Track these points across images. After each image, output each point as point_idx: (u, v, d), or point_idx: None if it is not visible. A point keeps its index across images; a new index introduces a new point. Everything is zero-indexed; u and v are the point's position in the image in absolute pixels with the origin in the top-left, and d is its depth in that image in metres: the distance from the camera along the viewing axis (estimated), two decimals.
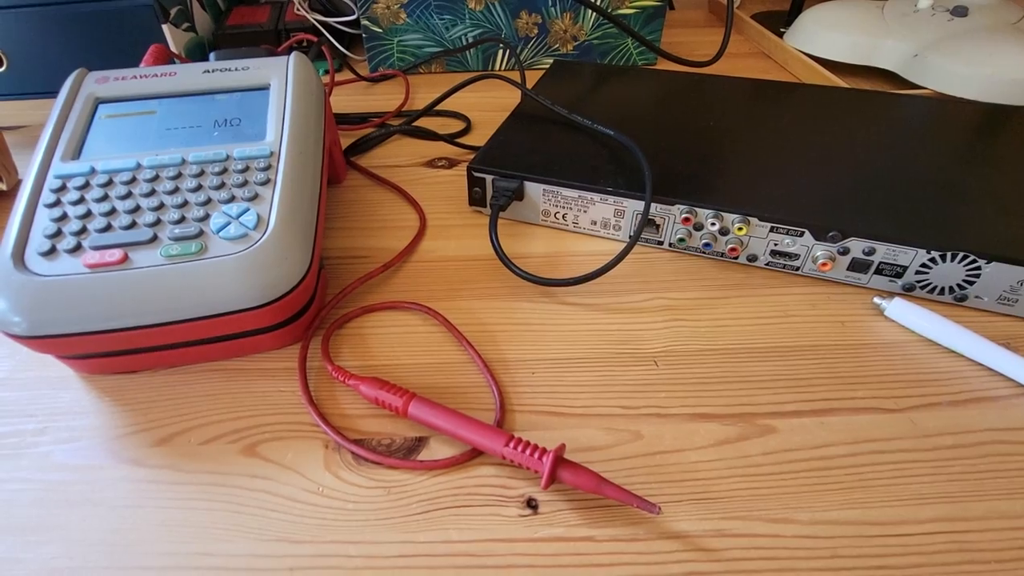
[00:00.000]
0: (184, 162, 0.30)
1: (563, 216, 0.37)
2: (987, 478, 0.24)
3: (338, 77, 0.59)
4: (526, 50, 0.59)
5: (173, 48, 0.53)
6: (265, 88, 0.34)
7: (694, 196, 0.33)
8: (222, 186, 0.29)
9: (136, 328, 0.26)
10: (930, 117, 0.40)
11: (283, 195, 0.29)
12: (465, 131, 0.49)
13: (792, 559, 0.21)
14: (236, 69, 0.35)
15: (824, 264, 0.31)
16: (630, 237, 0.35)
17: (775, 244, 0.33)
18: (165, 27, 0.52)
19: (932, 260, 0.30)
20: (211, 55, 0.38)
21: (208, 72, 0.35)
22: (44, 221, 0.27)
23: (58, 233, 0.27)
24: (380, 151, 0.47)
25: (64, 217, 0.27)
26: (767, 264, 0.34)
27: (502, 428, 0.25)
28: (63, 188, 0.29)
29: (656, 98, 0.43)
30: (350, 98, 0.56)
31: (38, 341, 0.25)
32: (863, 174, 0.34)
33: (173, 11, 0.53)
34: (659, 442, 0.25)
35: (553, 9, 0.56)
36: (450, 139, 0.47)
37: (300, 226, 0.28)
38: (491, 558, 0.22)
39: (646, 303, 0.32)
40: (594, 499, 0.23)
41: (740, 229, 0.32)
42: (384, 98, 0.56)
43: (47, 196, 0.28)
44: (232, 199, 0.28)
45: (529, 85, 0.55)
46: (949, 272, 0.30)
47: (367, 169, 0.44)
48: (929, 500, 0.23)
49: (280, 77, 0.34)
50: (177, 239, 0.27)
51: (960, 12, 0.54)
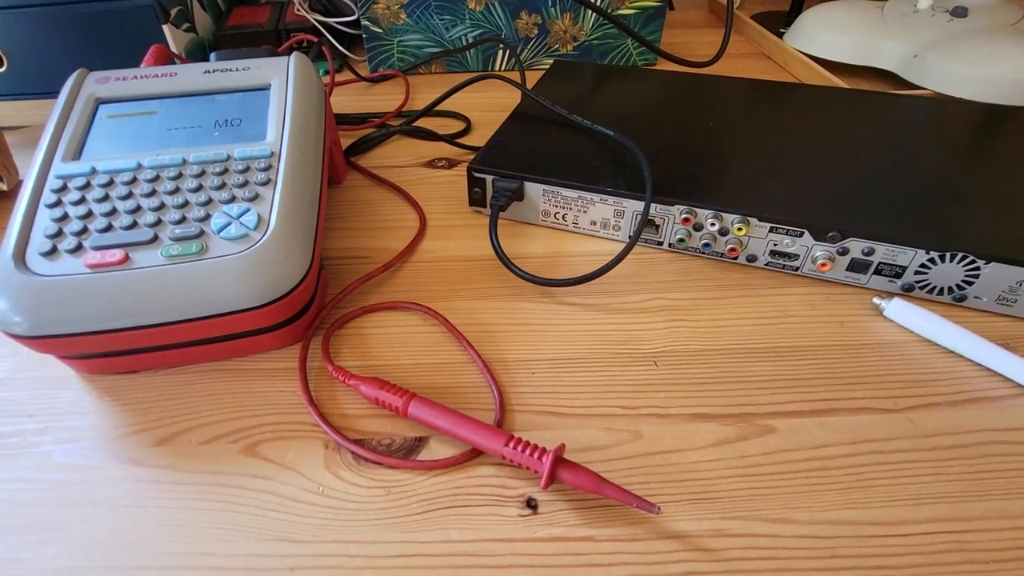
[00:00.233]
0: (185, 162, 0.30)
1: (563, 216, 0.37)
2: (986, 478, 0.24)
3: (338, 77, 0.59)
4: (526, 50, 0.59)
5: (173, 48, 0.53)
6: (266, 88, 0.34)
7: (694, 196, 0.33)
8: (223, 186, 0.29)
9: (137, 328, 0.26)
10: (930, 118, 0.40)
11: (284, 195, 0.29)
12: (465, 131, 0.49)
13: (791, 559, 0.21)
14: (237, 69, 0.35)
15: (823, 264, 0.32)
16: (630, 237, 0.35)
17: (774, 244, 0.33)
18: (165, 27, 0.52)
19: (931, 260, 0.30)
20: (212, 55, 0.38)
21: (209, 72, 0.35)
22: (45, 221, 0.27)
23: (59, 233, 0.27)
24: (380, 151, 0.47)
25: (65, 217, 0.27)
26: (767, 264, 0.34)
27: (502, 428, 0.26)
28: (64, 188, 0.29)
29: (656, 99, 0.43)
30: (350, 98, 0.56)
31: (39, 341, 0.25)
32: (863, 175, 0.34)
33: (173, 11, 0.53)
34: (659, 442, 0.25)
35: (553, 9, 0.56)
36: (450, 139, 0.47)
37: (300, 226, 0.28)
38: (491, 558, 0.22)
39: (646, 303, 0.32)
40: (594, 499, 0.23)
41: (740, 229, 0.32)
42: (384, 98, 0.56)
43: (48, 196, 0.28)
44: (233, 199, 0.28)
45: (529, 85, 0.55)
46: (948, 272, 0.30)
47: (367, 169, 0.44)
48: (928, 500, 0.23)
49: (281, 77, 0.34)
50: (178, 239, 0.27)
51: (960, 13, 0.54)
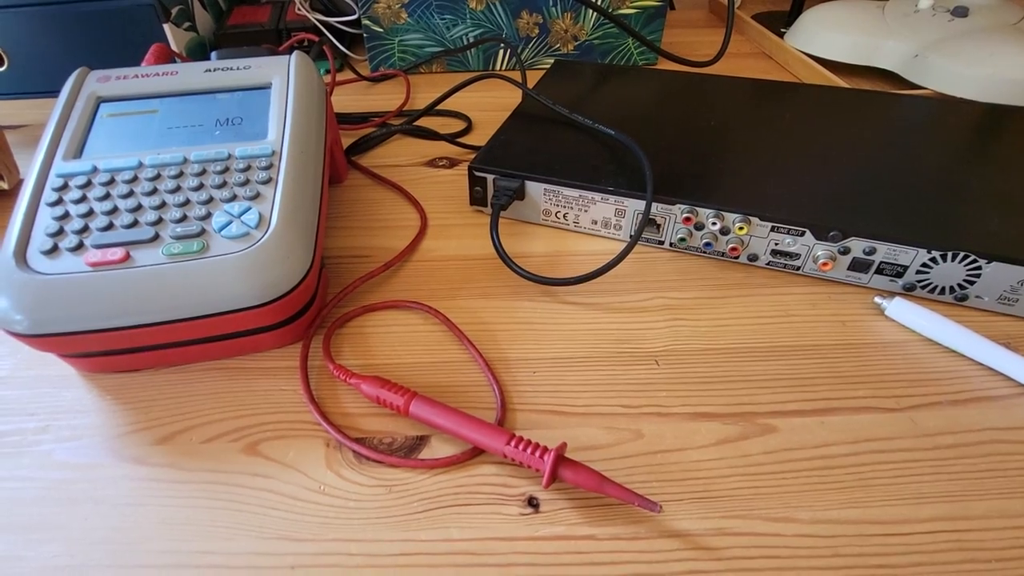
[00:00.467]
0: (186, 161, 0.30)
1: (564, 215, 0.37)
2: (987, 477, 0.24)
3: (339, 77, 0.59)
4: (527, 50, 0.59)
5: (174, 47, 0.53)
6: (267, 87, 0.34)
7: (695, 196, 0.33)
8: (224, 185, 0.29)
9: (138, 326, 0.26)
10: (930, 117, 0.40)
11: (285, 194, 0.29)
12: (466, 131, 0.49)
13: (793, 558, 0.21)
14: (238, 68, 0.35)
15: (825, 264, 0.32)
16: (631, 236, 0.35)
17: (776, 244, 0.33)
18: (166, 26, 0.52)
19: (933, 260, 0.30)
20: (213, 54, 0.38)
21: (210, 71, 0.35)
22: (46, 220, 0.27)
23: (60, 232, 0.27)
24: (381, 150, 0.47)
25: (66, 216, 0.27)
26: (768, 264, 0.34)
27: (503, 427, 0.25)
28: (65, 187, 0.29)
29: (657, 98, 0.43)
30: (351, 98, 0.56)
31: (40, 339, 0.25)
32: (864, 174, 0.34)
33: (174, 10, 0.53)
34: (660, 441, 0.25)
35: (554, 9, 0.56)
36: (451, 139, 0.47)
37: (301, 225, 0.28)
38: (492, 556, 0.22)
39: (647, 302, 0.32)
40: (595, 498, 0.23)
41: (741, 229, 0.32)
42: (385, 98, 0.56)
43: (49, 195, 0.28)
44: (234, 198, 0.28)
45: (530, 85, 0.55)
46: (950, 272, 0.30)
47: (368, 168, 0.44)
48: (929, 499, 0.23)
49: (282, 76, 0.34)
50: (179, 238, 0.27)
51: (960, 12, 0.54)
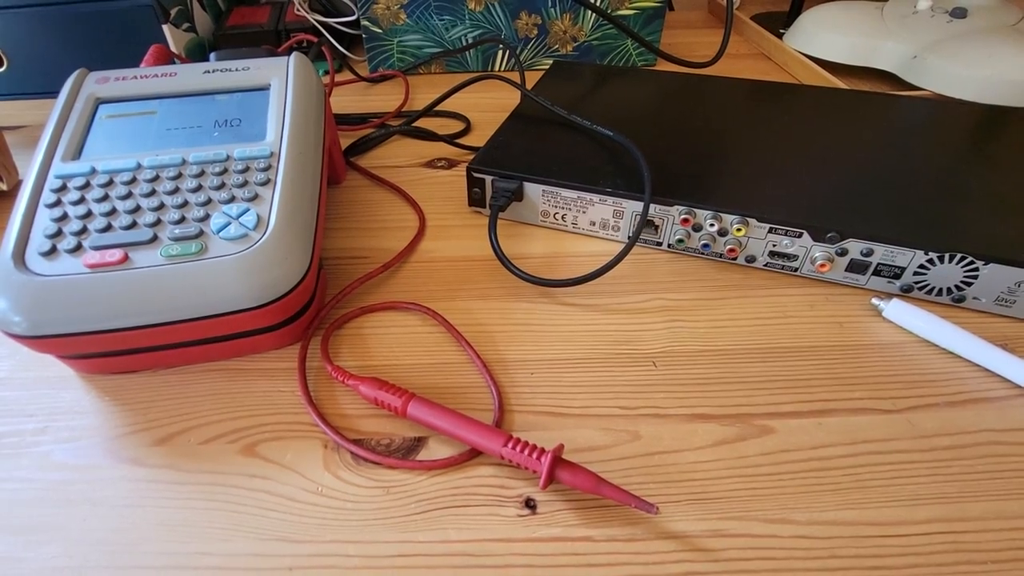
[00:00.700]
0: (184, 162, 0.30)
1: (562, 217, 0.37)
2: (984, 479, 0.24)
3: (338, 78, 0.59)
4: (526, 51, 0.59)
5: (173, 48, 0.53)
6: (265, 88, 0.34)
7: (693, 197, 0.33)
8: (222, 186, 0.29)
9: (136, 328, 0.26)
10: (929, 118, 0.40)
11: (283, 195, 0.29)
12: (465, 132, 0.49)
13: (789, 559, 0.21)
14: (236, 69, 0.35)
15: (822, 265, 0.32)
16: (629, 238, 0.35)
17: (774, 245, 0.33)
18: (165, 27, 0.52)
19: (930, 261, 0.30)
20: (211, 55, 0.38)
21: (208, 72, 0.35)
22: (44, 221, 0.27)
23: (58, 233, 0.27)
24: (380, 151, 0.47)
25: (65, 217, 0.27)
26: (766, 265, 0.34)
27: (501, 428, 0.26)
28: (64, 188, 0.29)
29: (655, 99, 0.43)
30: (350, 98, 0.56)
31: (38, 341, 0.25)
32: (862, 175, 0.34)
33: (173, 11, 0.53)
34: (657, 442, 0.25)
35: (553, 10, 0.56)
36: (450, 140, 0.47)
37: (300, 226, 0.28)
38: (489, 558, 0.22)
39: (645, 304, 0.32)
40: (592, 499, 0.23)
41: (739, 230, 0.32)
42: (384, 98, 0.56)
43: (47, 196, 0.28)
44: (232, 199, 0.28)
45: (529, 86, 0.55)
46: (947, 273, 0.30)
47: (367, 169, 0.44)
48: (926, 501, 0.23)
49: (280, 77, 0.34)
50: (177, 239, 0.27)
51: (959, 14, 0.54)
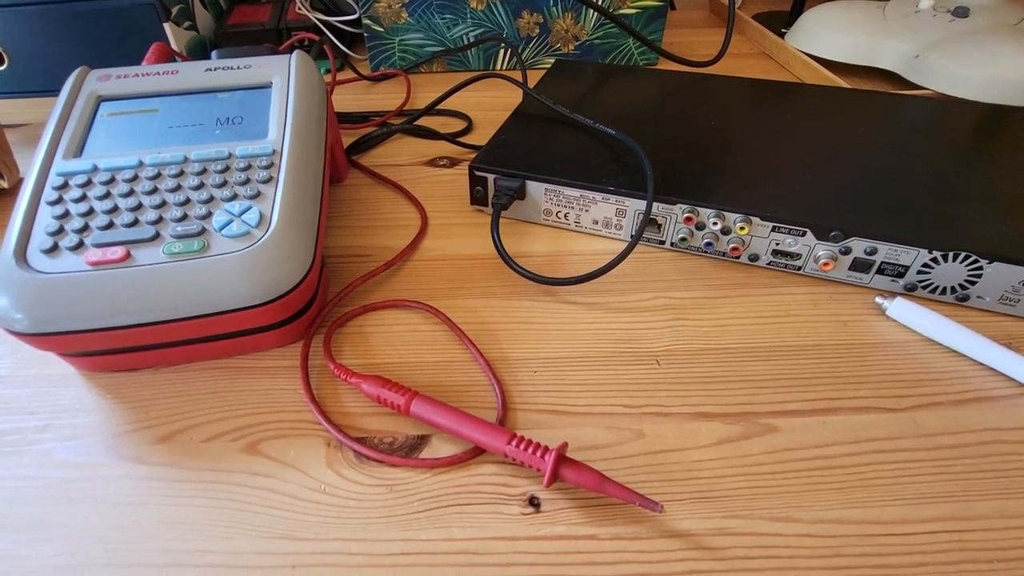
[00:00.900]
0: (186, 160, 0.30)
1: (565, 215, 0.37)
2: (989, 477, 0.24)
3: (339, 76, 0.59)
4: (527, 50, 0.59)
5: (175, 46, 0.53)
6: (267, 86, 0.34)
7: (696, 196, 0.33)
8: (224, 184, 0.29)
9: (138, 325, 0.26)
10: (931, 117, 0.40)
11: (285, 193, 0.29)
12: (466, 130, 0.49)
13: (794, 558, 0.21)
14: (238, 67, 0.35)
15: (826, 264, 0.31)
16: (632, 236, 0.35)
17: (777, 244, 0.33)
18: (166, 25, 0.52)
19: (934, 260, 0.30)
20: (213, 53, 0.38)
21: (210, 70, 0.35)
22: (46, 218, 0.27)
23: (60, 230, 0.27)
24: (381, 150, 0.47)
25: (66, 215, 0.27)
26: (769, 264, 0.34)
27: (504, 426, 0.25)
28: (65, 186, 0.29)
29: (658, 98, 0.43)
30: (351, 97, 0.56)
31: (40, 338, 0.25)
32: (865, 174, 0.34)
33: (175, 9, 0.53)
34: (661, 441, 0.25)
35: (555, 9, 0.56)
36: (451, 138, 0.47)
37: (302, 224, 0.28)
38: (493, 556, 0.22)
39: (648, 302, 0.32)
40: (596, 497, 0.23)
41: (742, 229, 0.32)
42: (385, 97, 0.56)
43: (49, 194, 0.28)
44: (234, 197, 0.28)
45: (531, 85, 0.55)
46: (951, 272, 0.30)
47: (369, 168, 0.44)
48: (931, 499, 0.23)
49: (282, 75, 0.34)
50: (179, 237, 0.27)
51: (961, 13, 0.54)
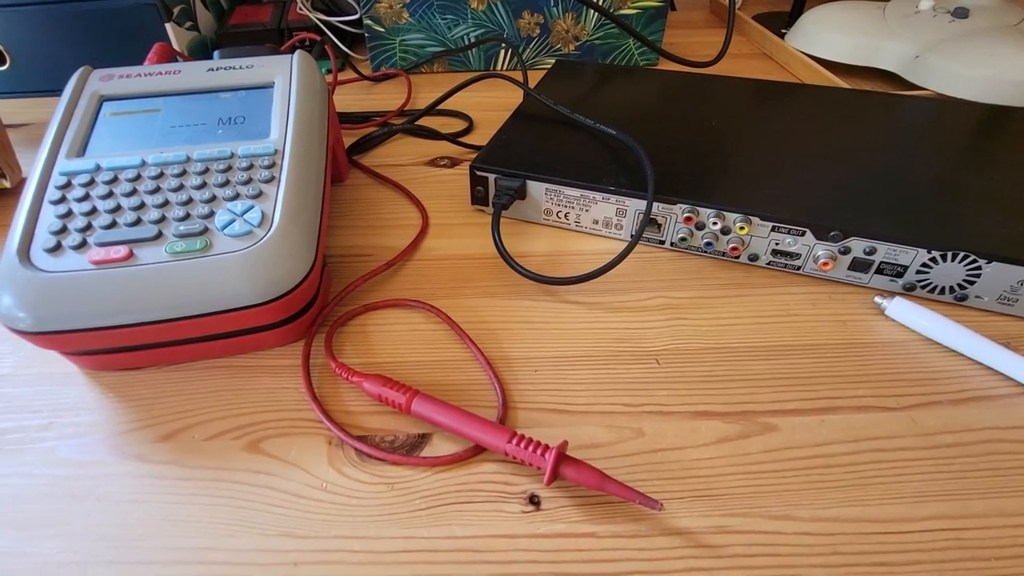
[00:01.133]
0: (189, 160, 0.30)
1: (565, 215, 0.37)
2: (987, 476, 0.24)
3: (340, 76, 0.60)
4: (528, 50, 0.59)
5: (176, 47, 0.53)
6: (269, 86, 0.34)
7: (696, 196, 0.33)
8: (227, 183, 0.29)
9: (141, 324, 0.26)
10: (931, 118, 0.40)
11: (287, 193, 0.29)
12: (467, 130, 0.50)
13: (793, 556, 0.21)
14: (240, 67, 0.35)
15: (825, 264, 0.32)
16: (632, 236, 0.35)
17: (776, 243, 0.33)
18: (168, 26, 0.52)
19: (933, 260, 0.30)
20: (215, 53, 0.38)
21: (212, 70, 0.35)
22: (49, 218, 0.27)
23: (63, 230, 0.27)
24: (382, 150, 0.47)
25: (69, 214, 0.28)
26: (768, 263, 0.34)
27: (504, 425, 0.26)
28: (68, 185, 0.29)
29: (658, 98, 0.43)
30: (353, 97, 0.56)
31: (43, 337, 0.26)
32: (864, 174, 0.34)
33: (176, 10, 0.53)
34: (661, 439, 0.26)
35: (555, 9, 0.56)
36: (452, 138, 0.47)
37: (304, 224, 0.29)
38: (493, 554, 0.22)
39: (648, 302, 0.32)
40: (596, 496, 0.24)
41: (742, 228, 0.32)
42: (386, 97, 0.56)
43: (52, 193, 0.28)
44: (237, 196, 0.28)
45: (531, 85, 0.55)
46: (950, 272, 0.30)
47: (370, 168, 0.44)
48: (929, 498, 0.23)
49: (284, 75, 0.34)
50: (182, 236, 0.27)
51: (961, 14, 0.54)
